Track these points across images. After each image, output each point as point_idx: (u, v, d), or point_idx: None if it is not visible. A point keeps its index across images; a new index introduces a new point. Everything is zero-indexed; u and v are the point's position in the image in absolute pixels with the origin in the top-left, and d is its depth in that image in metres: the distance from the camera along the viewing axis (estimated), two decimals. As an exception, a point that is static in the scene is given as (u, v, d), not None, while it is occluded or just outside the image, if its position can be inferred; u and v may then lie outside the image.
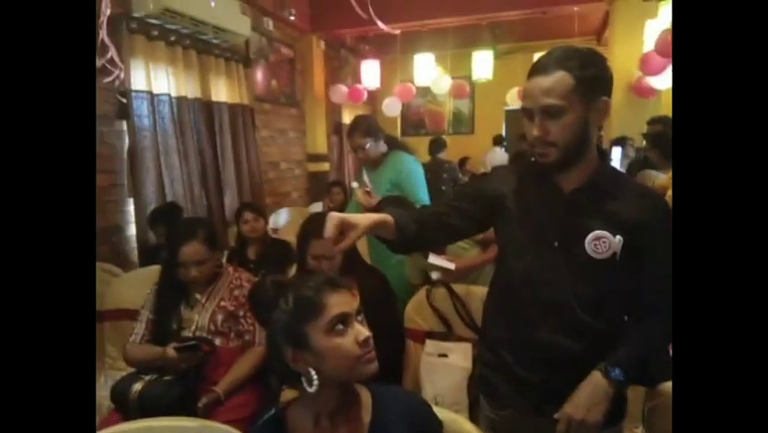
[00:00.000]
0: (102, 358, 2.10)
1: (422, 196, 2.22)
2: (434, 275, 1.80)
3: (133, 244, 2.78)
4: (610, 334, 1.02)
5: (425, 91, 5.22)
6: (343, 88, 4.95)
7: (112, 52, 2.33)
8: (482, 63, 4.54)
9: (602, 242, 0.97)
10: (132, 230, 2.77)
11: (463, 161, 5.66)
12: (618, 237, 0.96)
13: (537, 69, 0.95)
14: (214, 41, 3.23)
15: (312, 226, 1.67)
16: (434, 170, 4.41)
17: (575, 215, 1.00)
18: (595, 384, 0.98)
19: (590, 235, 0.98)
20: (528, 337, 1.05)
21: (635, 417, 1.63)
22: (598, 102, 0.95)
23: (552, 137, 0.95)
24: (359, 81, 4.99)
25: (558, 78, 0.92)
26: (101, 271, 2.36)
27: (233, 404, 1.47)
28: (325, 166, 5.09)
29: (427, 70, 4.58)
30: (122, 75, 2.41)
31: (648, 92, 3.65)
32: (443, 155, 4.75)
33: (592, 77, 0.93)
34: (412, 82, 4.82)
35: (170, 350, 1.43)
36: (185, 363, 1.45)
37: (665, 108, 3.92)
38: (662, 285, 1.01)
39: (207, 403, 1.42)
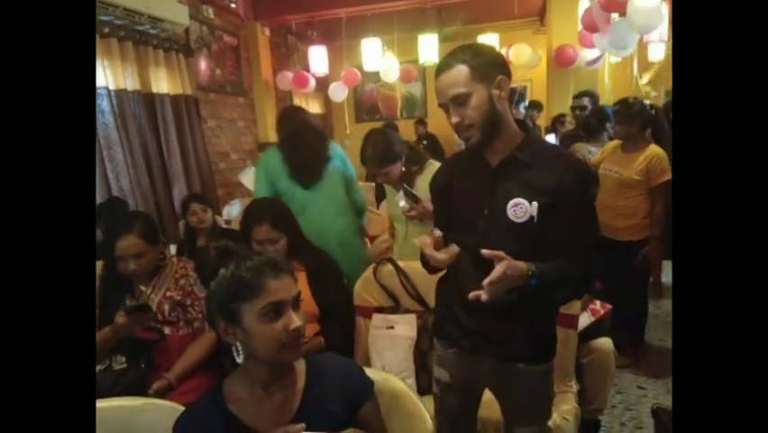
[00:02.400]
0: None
1: None
2: (402, 203, 1.88)
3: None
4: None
5: (375, 76, 5.24)
6: (290, 75, 4.91)
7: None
8: (428, 46, 4.59)
9: (519, 208, 1.12)
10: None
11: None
12: (534, 203, 1.10)
13: (440, 70, 1.12)
14: (152, 32, 3.14)
15: (253, 213, 1.71)
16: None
17: (500, 185, 1.15)
18: (520, 270, 1.06)
19: (510, 203, 1.12)
20: (468, 291, 1.16)
21: (569, 372, 1.77)
22: (496, 81, 1.10)
23: (468, 120, 1.11)
24: (308, 68, 4.97)
25: (457, 71, 1.09)
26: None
27: (186, 389, 1.50)
28: (278, 155, 5.06)
29: (375, 55, 4.60)
30: None
31: (568, 62, 3.90)
32: None
33: (484, 62, 1.10)
34: (360, 68, 4.84)
35: (120, 317, 1.44)
36: (136, 325, 1.46)
37: (593, 83, 4.15)
38: (576, 239, 1.16)
39: (158, 389, 1.44)
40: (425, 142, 5.36)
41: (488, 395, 1.37)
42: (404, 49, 5.02)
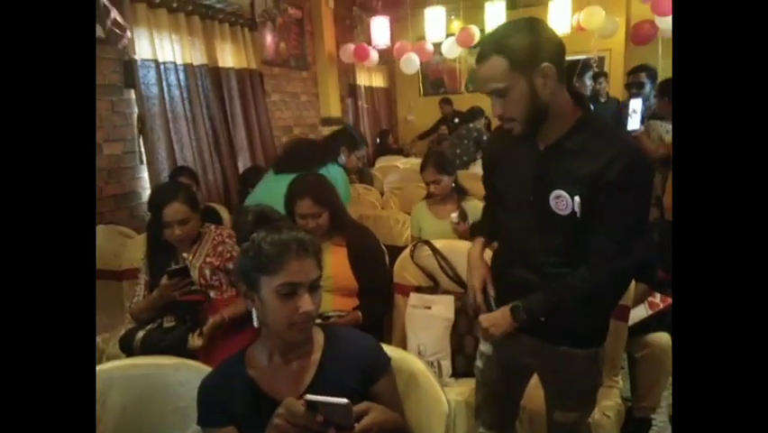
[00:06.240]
0: (122, 314, 2.28)
1: None
2: (454, 216, 2.20)
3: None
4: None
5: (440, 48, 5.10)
6: (352, 47, 4.89)
7: (114, 14, 2.32)
8: (495, 15, 4.37)
9: (561, 200, 1.05)
10: (147, 196, 2.91)
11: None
12: (576, 198, 1.02)
13: (477, 58, 1.03)
14: (218, 6, 3.25)
15: (296, 187, 1.73)
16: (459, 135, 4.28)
17: (545, 172, 1.08)
18: (503, 314, 1.15)
19: (552, 194, 1.05)
20: (506, 274, 1.21)
21: (615, 366, 1.67)
22: (539, 69, 0.99)
23: (508, 113, 1.05)
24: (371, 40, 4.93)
25: (493, 64, 1.00)
26: (118, 234, 2.52)
27: (234, 341, 1.57)
28: (340, 129, 5.11)
29: (439, 25, 4.45)
30: (128, 35, 2.35)
31: (645, 39, 3.54)
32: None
33: (525, 49, 0.98)
34: (424, 38, 4.72)
35: (163, 280, 1.55)
36: (177, 288, 1.56)
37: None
38: (613, 239, 1.05)
39: (212, 325, 1.52)
40: (454, 121, 5.11)
41: (532, 384, 1.33)
42: (470, 18, 4.82)
